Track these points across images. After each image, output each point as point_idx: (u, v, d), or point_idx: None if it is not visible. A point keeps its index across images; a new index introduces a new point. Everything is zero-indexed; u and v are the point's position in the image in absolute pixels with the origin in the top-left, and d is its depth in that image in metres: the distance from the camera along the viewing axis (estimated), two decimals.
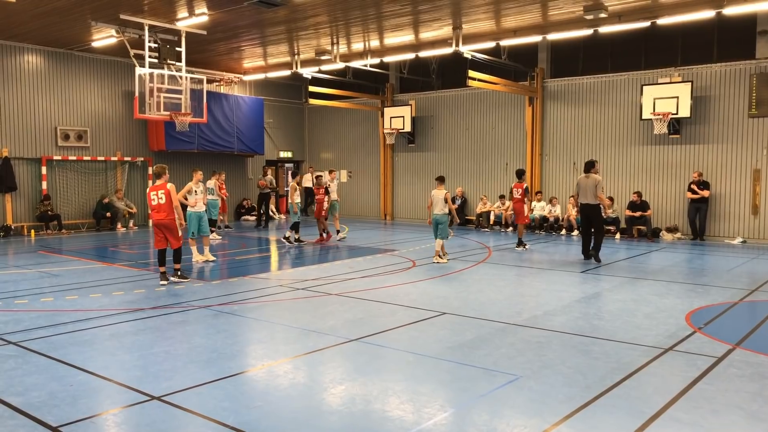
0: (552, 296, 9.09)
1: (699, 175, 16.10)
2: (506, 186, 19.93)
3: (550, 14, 14.50)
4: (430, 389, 5.25)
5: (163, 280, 10.00)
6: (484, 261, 12.60)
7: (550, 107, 19.00)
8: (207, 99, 17.64)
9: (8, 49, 17.19)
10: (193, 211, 12.13)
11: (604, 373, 5.61)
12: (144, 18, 14.37)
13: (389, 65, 21.32)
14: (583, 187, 12.29)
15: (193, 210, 12.10)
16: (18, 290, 9.45)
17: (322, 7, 13.76)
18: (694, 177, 16.14)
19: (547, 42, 18.14)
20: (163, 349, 6.33)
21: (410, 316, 7.84)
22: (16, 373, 5.54)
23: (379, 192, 23.30)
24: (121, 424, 4.56)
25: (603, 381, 5.39)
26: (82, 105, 18.81)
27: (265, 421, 4.55)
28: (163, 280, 10.00)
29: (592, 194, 12.15)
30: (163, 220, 9.93)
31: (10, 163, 17.21)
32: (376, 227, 20.17)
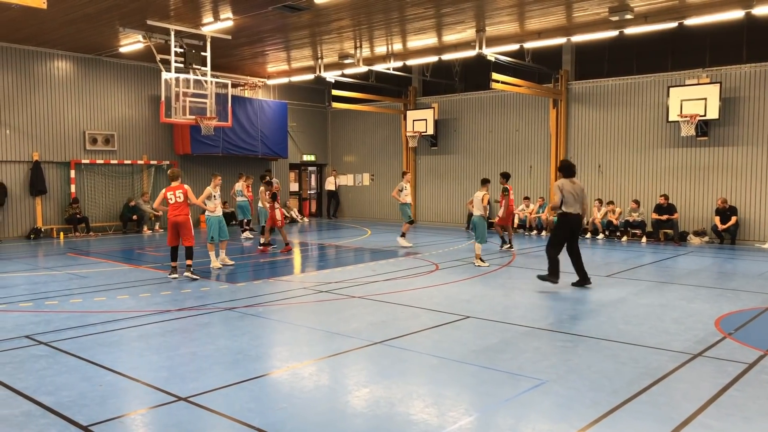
0: (577, 300, 9.00)
1: (723, 202, 15.78)
2: (530, 189, 19.81)
3: (575, 16, 14.38)
4: (455, 393, 5.23)
5: (173, 274, 10.63)
6: (508, 264, 12.52)
7: (574, 110, 18.84)
8: (232, 103, 17.83)
9: (39, 55, 17.56)
10: (213, 216, 12.25)
11: (632, 378, 5.53)
12: (170, 23, 14.58)
13: (412, 68, 21.34)
14: (573, 193, 9.80)
15: (212, 215, 12.22)
16: (48, 291, 9.63)
17: (346, 11, 13.82)
18: (719, 204, 15.83)
19: (572, 44, 17.99)
20: (189, 351, 6.40)
21: (434, 319, 7.82)
22: (47, 373, 5.64)
23: None
24: (149, 424, 4.62)
25: (630, 386, 5.32)
26: (109, 109, 19.13)
27: (290, 423, 4.57)
28: (173, 274, 10.63)
29: (582, 202, 9.94)
30: (179, 218, 10.63)
31: (41, 167, 17.56)
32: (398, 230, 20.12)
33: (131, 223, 19.08)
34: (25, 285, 10.25)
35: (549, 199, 19.11)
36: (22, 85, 17.30)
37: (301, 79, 22.05)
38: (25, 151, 17.40)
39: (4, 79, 16.95)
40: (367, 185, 24.57)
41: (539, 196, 19.24)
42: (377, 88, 22.04)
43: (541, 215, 18.69)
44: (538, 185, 19.69)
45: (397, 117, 23.10)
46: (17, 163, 17.30)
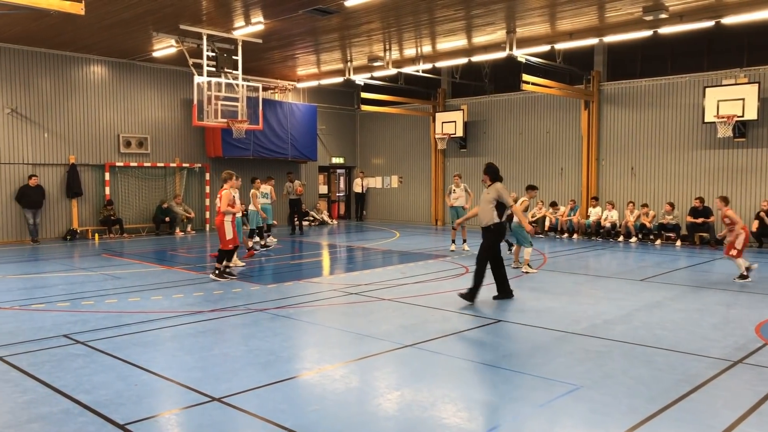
0: (611, 304, 8.85)
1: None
2: (561, 191, 19.59)
3: (608, 16, 14.18)
4: (487, 397, 5.19)
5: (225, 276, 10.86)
6: (539, 268, 12.38)
7: (606, 111, 18.58)
8: (262, 106, 17.99)
9: (76, 60, 17.95)
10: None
11: (669, 384, 5.42)
12: (202, 28, 14.78)
13: (441, 70, 21.28)
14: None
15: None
16: (84, 291, 9.81)
17: (376, 13, 13.85)
18: (764, 206, 15.38)
19: (604, 44, 17.74)
20: (222, 351, 6.46)
21: (464, 322, 7.77)
22: (85, 372, 5.75)
23: (429, 197, 23.24)
24: (183, 424, 4.67)
25: (668, 393, 5.20)
26: (143, 113, 19.47)
27: (323, 425, 4.58)
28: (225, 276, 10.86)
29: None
30: (216, 221, 11.10)
31: (77, 170, 17.94)
32: (427, 233, 20.10)
33: (164, 224, 19.37)
34: (62, 285, 10.47)
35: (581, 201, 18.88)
36: (60, 89, 17.71)
37: (331, 82, 22.15)
38: (62, 154, 17.80)
39: (43, 85, 17.37)
40: (396, 187, 24.56)
41: (570, 199, 19.01)
42: (406, 91, 22.03)
43: (572, 218, 18.47)
44: (569, 188, 19.46)
45: (425, 119, 23.06)
46: (55, 166, 17.70)
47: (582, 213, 18.61)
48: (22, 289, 10.12)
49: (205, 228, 20.57)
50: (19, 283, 10.71)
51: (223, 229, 10.88)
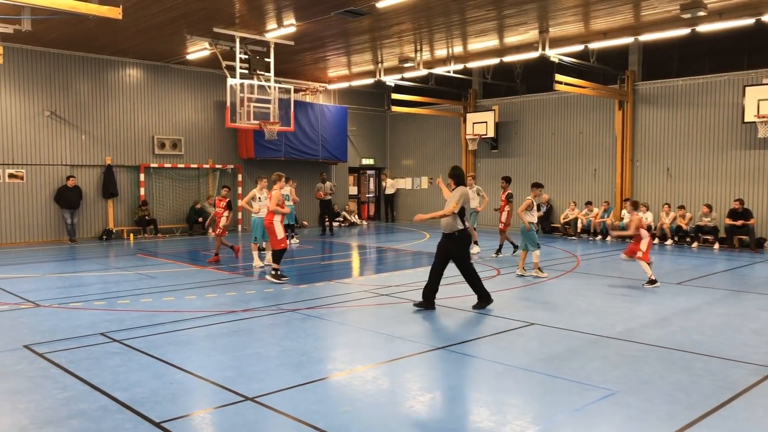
0: (646, 308, 8.68)
1: None
2: (594, 192, 19.31)
3: (643, 14, 13.93)
4: (521, 401, 5.12)
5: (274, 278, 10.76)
6: (572, 270, 12.22)
7: (641, 111, 18.25)
8: (294, 108, 18.11)
9: (112, 63, 18.32)
10: (257, 217, 12.42)
11: (709, 391, 5.28)
12: (235, 30, 14.95)
13: (472, 71, 21.17)
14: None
15: (257, 216, 12.43)
16: (120, 291, 10.00)
17: (407, 14, 13.83)
18: None
19: (639, 43, 17.45)
20: (255, 351, 6.50)
21: (497, 325, 7.70)
22: (121, 370, 5.84)
23: None
24: (217, 423, 4.71)
25: (708, 400, 5.07)
26: (177, 115, 19.78)
27: (355, 427, 4.57)
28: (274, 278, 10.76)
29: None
30: (264, 222, 11.02)
31: (113, 171, 18.31)
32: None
33: (197, 225, 19.64)
34: (98, 284, 10.68)
35: (614, 203, 18.58)
36: (97, 92, 18.09)
37: (361, 83, 22.21)
38: (98, 155, 18.18)
39: (81, 88, 17.76)
40: (426, 188, 24.49)
41: (604, 200, 18.71)
42: (437, 91, 21.97)
43: (606, 220, 18.18)
44: (603, 189, 19.16)
45: (456, 120, 22.96)
46: (91, 167, 18.09)
47: (615, 215, 18.31)
48: (61, 288, 10.35)
49: (237, 228, 20.79)
50: (58, 282, 10.96)
51: (273, 228, 10.74)
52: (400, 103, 21.51)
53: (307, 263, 13.47)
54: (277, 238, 10.76)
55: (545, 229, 19.85)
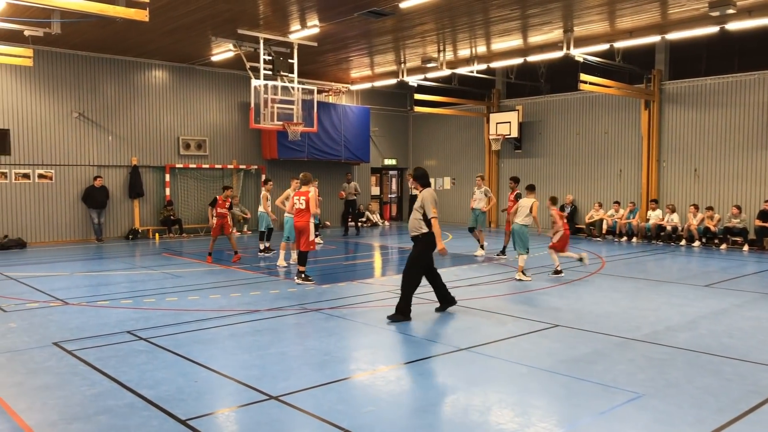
0: (674, 311, 8.55)
1: None
2: (620, 193, 19.08)
3: (670, 13, 13.73)
4: (546, 403, 5.08)
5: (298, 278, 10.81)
6: (597, 272, 12.08)
7: (668, 111, 17.98)
8: (317, 109, 18.19)
9: (138, 65, 18.58)
10: (290, 217, 12.51)
11: (739, 395, 5.18)
12: (259, 32, 15.06)
13: (496, 70, 21.05)
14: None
15: (289, 215, 12.51)
16: (145, 290, 10.13)
17: (430, 15, 13.80)
18: None
19: (666, 42, 17.20)
20: (278, 350, 6.54)
21: (520, 327, 7.64)
22: (147, 368, 5.92)
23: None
24: (242, 421, 4.75)
25: (737, 404, 4.98)
26: (201, 116, 19.99)
27: (379, 427, 4.57)
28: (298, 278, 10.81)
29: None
30: (300, 223, 10.76)
31: (138, 171, 18.56)
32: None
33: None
34: (125, 283, 10.84)
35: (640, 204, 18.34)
36: (123, 94, 18.36)
37: (384, 84, 22.22)
38: (125, 156, 18.45)
39: (108, 89, 18.04)
40: (449, 189, 24.41)
41: (630, 201, 18.48)
42: (460, 91, 21.89)
43: (632, 221, 17.95)
44: (628, 190, 18.92)
45: (479, 120, 22.86)
46: (118, 168, 18.36)
47: (641, 216, 18.07)
48: (88, 286, 10.52)
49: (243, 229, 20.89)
50: (85, 281, 11.15)
51: (308, 229, 10.73)
52: (422, 103, 21.47)
53: (330, 263, 13.51)
54: (309, 239, 10.78)
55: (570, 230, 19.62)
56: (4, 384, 5.47)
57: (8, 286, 10.44)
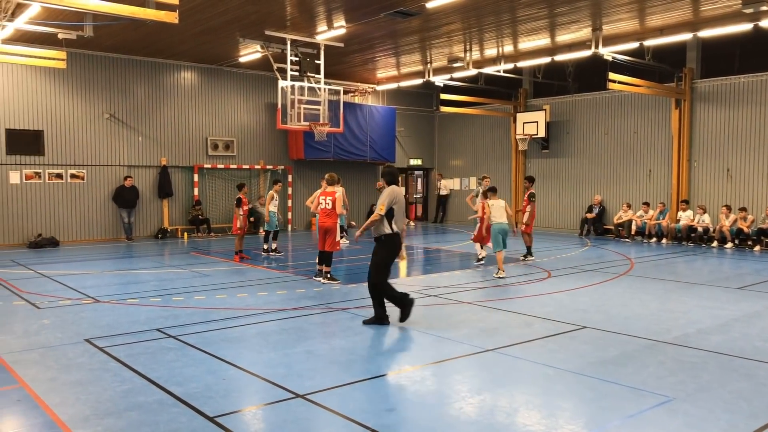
0: (705, 313, 8.39)
1: None
2: (650, 194, 18.78)
3: (702, 10, 13.48)
4: (573, 405, 5.03)
5: (317, 277, 10.91)
6: (625, 273, 11.91)
7: (699, 110, 17.65)
8: (343, 109, 18.26)
9: (168, 67, 18.86)
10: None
11: None
12: (287, 33, 15.17)
13: (523, 70, 20.89)
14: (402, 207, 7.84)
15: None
16: (174, 288, 10.27)
17: (456, 14, 13.75)
18: None
19: (698, 40, 16.88)
20: (305, 349, 6.58)
21: (547, 328, 7.57)
22: (176, 365, 6.00)
23: (510, 199, 22.82)
24: (269, 419, 4.79)
25: None
26: (229, 117, 20.20)
27: (404, 427, 4.57)
28: (317, 277, 10.91)
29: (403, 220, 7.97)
30: (326, 224, 10.73)
31: (168, 171, 18.84)
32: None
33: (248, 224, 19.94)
34: (154, 281, 11.00)
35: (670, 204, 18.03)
36: (153, 95, 18.65)
37: (410, 84, 22.21)
38: (154, 156, 18.74)
39: (138, 91, 18.34)
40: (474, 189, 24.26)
41: (659, 202, 18.18)
42: (486, 91, 21.77)
43: (662, 222, 17.67)
44: (658, 190, 18.62)
45: (506, 120, 22.70)
46: (148, 168, 18.66)
47: (672, 216, 17.77)
48: (119, 284, 10.71)
49: (287, 228, 21.08)
50: (116, 279, 11.35)
51: (335, 231, 10.73)
52: (448, 103, 21.40)
53: (356, 263, 13.54)
54: (336, 239, 10.82)
55: (597, 231, 19.43)
56: (38, 379, 5.60)
57: (42, 283, 10.68)
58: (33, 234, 16.64)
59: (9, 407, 4.95)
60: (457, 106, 21.50)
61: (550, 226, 21.40)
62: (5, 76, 16.23)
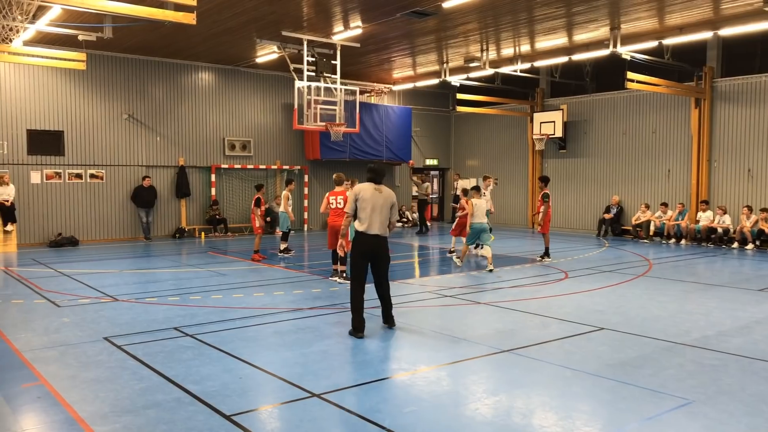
0: (725, 315, 8.28)
1: None
2: (669, 194, 18.58)
3: (723, 8, 13.31)
4: (590, 407, 4.99)
5: (333, 276, 11.04)
6: (644, 274, 11.79)
7: (720, 109, 17.42)
8: (359, 109, 18.27)
9: (185, 68, 19.01)
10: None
11: None
12: (303, 34, 15.22)
13: (540, 69, 20.77)
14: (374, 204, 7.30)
15: None
16: (192, 287, 10.35)
17: (473, 14, 13.71)
18: None
19: (718, 38, 16.66)
20: (320, 349, 6.60)
21: (564, 329, 7.52)
22: (193, 363, 6.05)
23: (526, 199, 22.73)
24: (285, 418, 4.81)
25: None
26: (246, 117, 20.32)
27: (420, 427, 4.57)
28: (333, 276, 11.04)
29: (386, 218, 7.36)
30: (338, 222, 10.73)
31: (185, 171, 18.98)
32: (523, 236, 19.67)
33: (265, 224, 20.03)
34: (172, 281, 11.10)
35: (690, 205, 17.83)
36: (171, 96, 18.82)
37: (426, 84, 22.18)
38: (172, 156, 18.90)
39: (156, 92, 18.51)
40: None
41: (678, 202, 17.98)
42: (503, 91, 21.67)
43: (681, 222, 17.46)
44: (677, 190, 18.41)
45: (522, 119, 22.59)
46: (165, 168, 18.82)
47: (691, 217, 17.56)
48: (137, 283, 10.81)
49: (303, 228, 21.15)
50: (134, 278, 11.46)
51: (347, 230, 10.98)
52: (465, 103, 21.33)
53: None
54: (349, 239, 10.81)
55: (615, 231, 19.26)
56: (59, 376, 5.67)
57: (62, 282, 10.82)
58: (53, 233, 16.87)
59: (30, 404, 5.02)
60: (474, 106, 21.43)
61: (567, 227, 21.25)
62: (27, 77, 16.46)
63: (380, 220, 7.25)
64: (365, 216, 7.23)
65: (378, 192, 7.33)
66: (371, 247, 7.24)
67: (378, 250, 7.27)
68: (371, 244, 7.23)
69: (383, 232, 7.30)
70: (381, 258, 7.33)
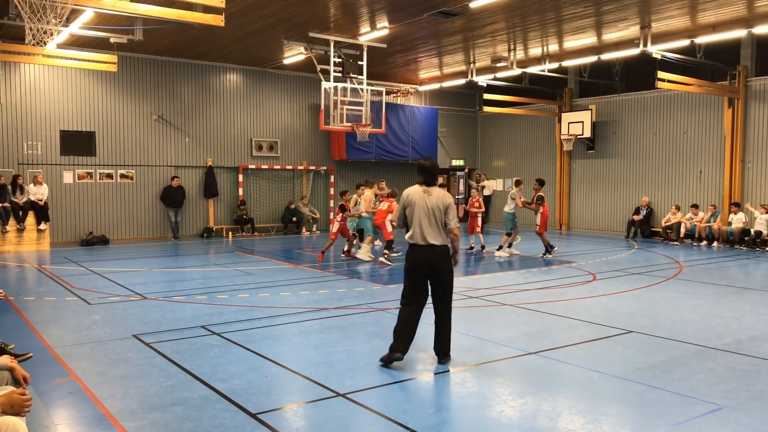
0: (759, 319, 8.09)
1: None
2: (700, 195, 18.23)
3: (758, 5, 13.00)
4: (618, 411, 4.91)
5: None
6: (674, 277, 11.59)
7: (754, 109, 17.03)
8: (385, 110, 18.28)
9: (214, 69, 19.23)
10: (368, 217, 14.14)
11: None
12: (330, 35, 15.28)
13: (568, 69, 20.53)
14: (427, 210, 6.09)
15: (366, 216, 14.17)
16: (219, 286, 10.46)
17: (500, 14, 13.62)
18: None
19: (753, 36, 16.29)
20: (346, 348, 6.62)
21: (592, 332, 7.42)
22: (220, 361, 6.11)
23: (554, 200, 22.49)
24: (310, 417, 4.83)
25: None
26: (273, 118, 20.48)
27: (445, 428, 4.55)
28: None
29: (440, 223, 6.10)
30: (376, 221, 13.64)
31: (213, 172, 19.20)
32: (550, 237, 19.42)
33: (291, 224, 20.22)
34: (199, 279, 11.23)
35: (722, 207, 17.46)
36: (199, 97, 19.05)
37: (452, 84, 22.10)
38: (200, 157, 19.13)
39: (185, 93, 18.76)
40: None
41: (710, 204, 17.62)
42: (530, 91, 21.49)
43: (713, 224, 17.12)
44: (709, 191, 18.05)
45: (550, 119, 22.37)
46: (194, 168, 19.06)
47: (723, 219, 17.20)
48: (165, 282, 10.97)
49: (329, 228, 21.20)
50: (163, 277, 11.63)
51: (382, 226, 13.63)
52: (492, 103, 21.19)
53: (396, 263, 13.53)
54: (387, 231, 13.51)
55: (644, 233, 18.96)
56: (89, 372, 5.78)
57: (92, 280, 11.03)
58: (84, 232, 17.20)
59: (62, 399, 5.12)
60: (501, 106, 21.28)
61: (596, 228, 20.98)
62: (60, 79, 16.82)
63: (432, 228, 6.06)
64: (414, 225, 6.11)
65: (427, 195, 6.15)
66: (422, 261, 6.05)
67: (433, 263, 6.03)
68: (422, 257, 6.05)
69: (439, 241, 6.05)
70: (436, 273, 6.06)
